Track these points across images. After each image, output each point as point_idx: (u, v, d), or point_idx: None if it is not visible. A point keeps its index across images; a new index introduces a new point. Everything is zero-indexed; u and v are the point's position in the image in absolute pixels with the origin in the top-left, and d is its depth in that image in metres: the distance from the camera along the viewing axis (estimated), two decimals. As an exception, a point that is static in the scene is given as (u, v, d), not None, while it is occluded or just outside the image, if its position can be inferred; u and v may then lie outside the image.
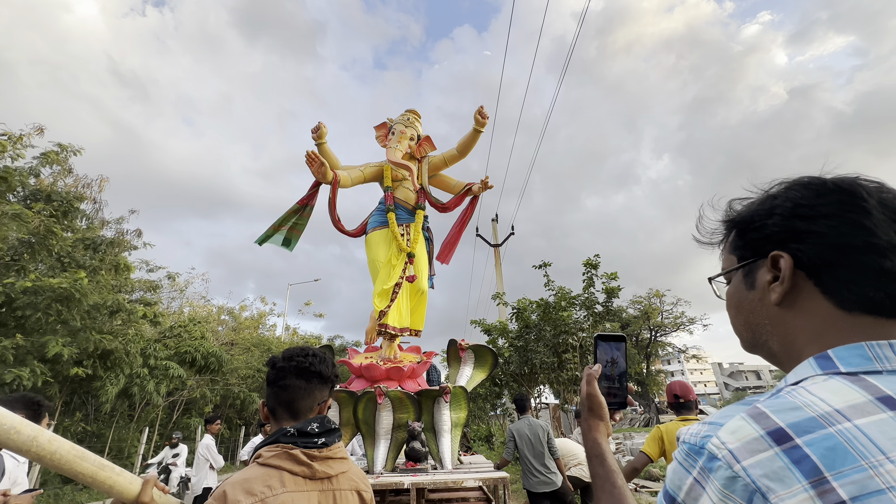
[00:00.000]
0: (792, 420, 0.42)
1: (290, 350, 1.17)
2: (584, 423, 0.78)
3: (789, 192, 0.57)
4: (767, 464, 0.41)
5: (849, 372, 0.47)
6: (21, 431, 0.72)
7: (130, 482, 0.89)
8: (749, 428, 0.44)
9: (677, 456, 0.50)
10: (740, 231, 0.62)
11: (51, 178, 9.61)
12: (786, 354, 0.55)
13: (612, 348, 0.84)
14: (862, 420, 0.41)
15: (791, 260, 0.53)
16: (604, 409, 0.78)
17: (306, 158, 5.75)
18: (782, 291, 0.54)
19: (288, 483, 0.97)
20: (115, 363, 8.20)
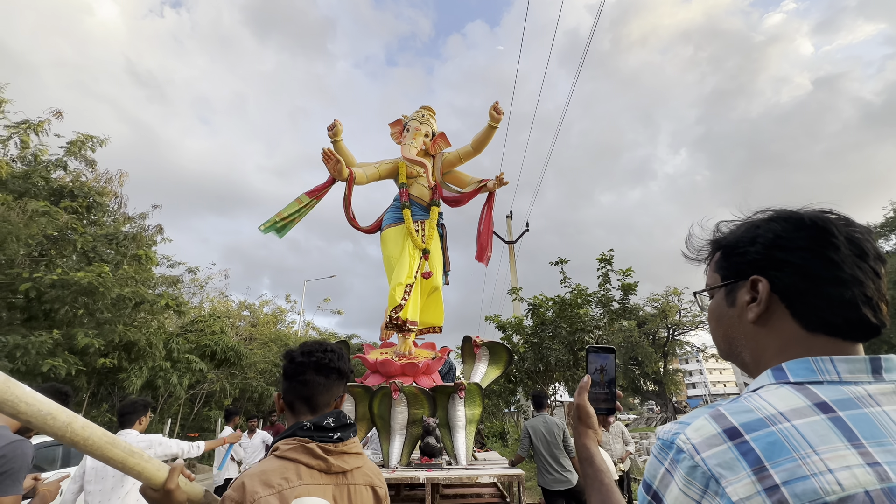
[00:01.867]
0: (743, 420, 0.52)
1: (308, 345, 1.18)
2: (575, 430, 0.88)
3: (770, 224, 0.64)
4: (721, 455, 0.50)
5: (796, 382, 0.56)
6: (57, 417, 0.75)
7: (158, 469, 0.92)
8: (710, 426, 0.53)
9: (653, 450, 0.58)
10: (725, 253, 0.70)
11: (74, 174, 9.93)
12: (755, 365, 0.64)
13: (601, 358, 0.92)
14: (799, 421, 0.50)
15: (768, 285, 0.62)
16: (592, 419, 0.87)
17: (322, 156, 5.80)
18: (758, 312, 0.62)
19: (304, 476, 0.99)
20: (139, 355, 8.46)
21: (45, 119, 9.27)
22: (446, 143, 6.68)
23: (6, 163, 8.65)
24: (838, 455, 0.47)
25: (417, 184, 6.44)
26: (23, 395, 0.71)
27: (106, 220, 10.24)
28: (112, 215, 10.48)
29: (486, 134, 6.53)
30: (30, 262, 8.34)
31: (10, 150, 9.08)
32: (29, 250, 8.12)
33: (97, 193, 9.73)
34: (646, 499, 0.57)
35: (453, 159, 6.77)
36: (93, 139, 9.76)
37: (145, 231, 10.43)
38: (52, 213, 7.94)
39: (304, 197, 6.01)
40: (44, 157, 9.37)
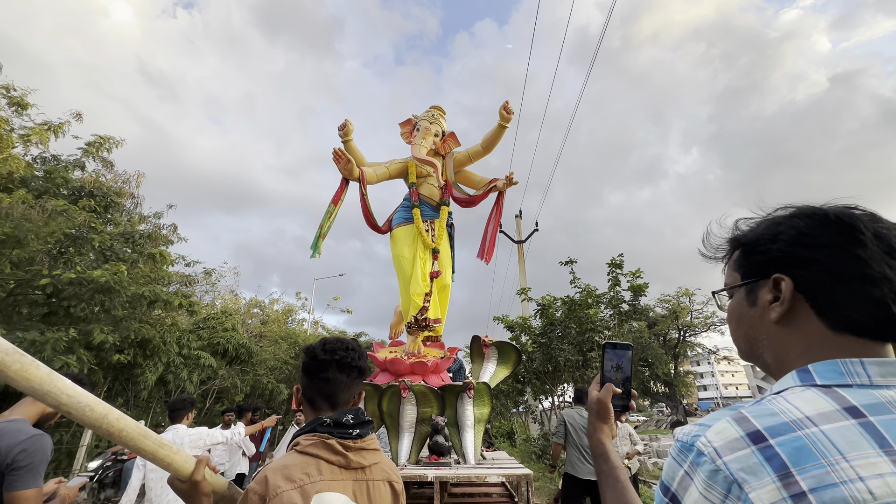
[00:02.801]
0: (768, 424, 0.50)
1: (330, 342, 1.20)
2: (591, 425, 0.88)
3: (793, 221, 0.62)
4: (744, 460, 0.48)
5: (823, 384, 0.54)
6: (95, 409, 0.79)
7: (186, 461, 0.96)
8: (732, 429, 0.51)
9: (672, 452, 0.57)
10: (745, 251, 0.68)
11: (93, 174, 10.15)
12: (777, 366, 0.62)
13: (618, 355, 0.91)
14: (827, 426, 0.48)
15: (792, 283, 0.60)
16: (610, 415, 0.87)
17: (333, 155, 5.86)
18: (781, 311, 0.60)
19: (325, 471, 1.01)
20: (154, 351, 8.63)
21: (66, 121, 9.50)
22: (456, 143, 6.70)
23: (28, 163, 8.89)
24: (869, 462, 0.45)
25: (427, 183, 6.47)
26: (64, 387, 0.75)
27: (122, 220, 10.45)
28: (129, 215, 10.69)
29: (496, 133, 6.55)
30: (49, 259, 8.54)
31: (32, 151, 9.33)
32: (48, 248, 8.32)
33: (115, 193, 9.94)
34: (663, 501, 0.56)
35: (463, 159, 6.79)
36: (109, 140, 9.97)
37: (160, 229, 10.62)
38: (71, 212, 8.12)
39: (332, 207, 6.09)
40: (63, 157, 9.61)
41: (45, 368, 0.73)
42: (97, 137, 9.86)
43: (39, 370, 0.72)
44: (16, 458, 1.61)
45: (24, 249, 7.59)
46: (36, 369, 0.72)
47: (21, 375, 0.70)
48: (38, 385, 0.71)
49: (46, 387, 0.72)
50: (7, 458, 1.59)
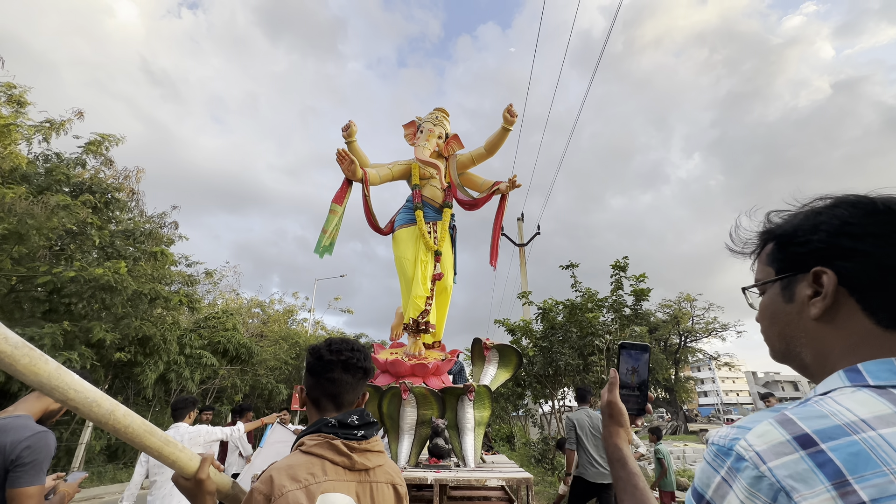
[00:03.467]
0: (818, 426, 0.46)
1: (335, 343, 1.19)
2: (606, 430, 0.83)
3: (836, 210, 0.58)
4: (792, 466, 0.44)
5: (877, 385, 0.49)
6: (102, 405, 0.78)
7: (190, 459, 0.95)
8: (776, 432, 0.47)
9: (706, 456, 0.53)
10: (781, 244, 0.63)
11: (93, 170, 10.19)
12: (818, 367, 0.58)
13: (634, 357, 0.87)
14: (886, 430, 0.44)
15: (835, 277, 0.55)
16: (624, 416, 0.82)
17: (337, 156, 5.87)
18: (823, 307, 0.56)
19: (329, 472, 1.01)
20: (154, 350, 8.64)
21: (68, 119, 9.53)
22: (459, 145, 6.71)
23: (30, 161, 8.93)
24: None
25: (430, 185, 6.48)
26: (72, 382, 0.75)
27: (123, 217, 10.47)
28: (129, 211, 10.71)
29: (499, 136, 6.56)
30: (50, 255, 8.57)
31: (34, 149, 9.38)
32: (49, 244, 8.35)
33: (114, 189, 9.96)
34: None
35: (466, 161, 6.80)
36: (109, 138, 10.00)
37: (162, 228, 10.64)
38: (73, 208, 8.15)
39: (336, 206, 6.08)
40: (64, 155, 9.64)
41: (53, 363, 0.73)
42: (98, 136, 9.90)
43: (48, 364, 0.72)
44: (20, 455, 1.59)
45: (26, 245, 7.61)
46: (45, 364, 0.71)
47: (30, 370, 0.69)
48: (46, 380, 0.71)
49: (54, 381, 0.72)
50: (12, 454, 1.58)
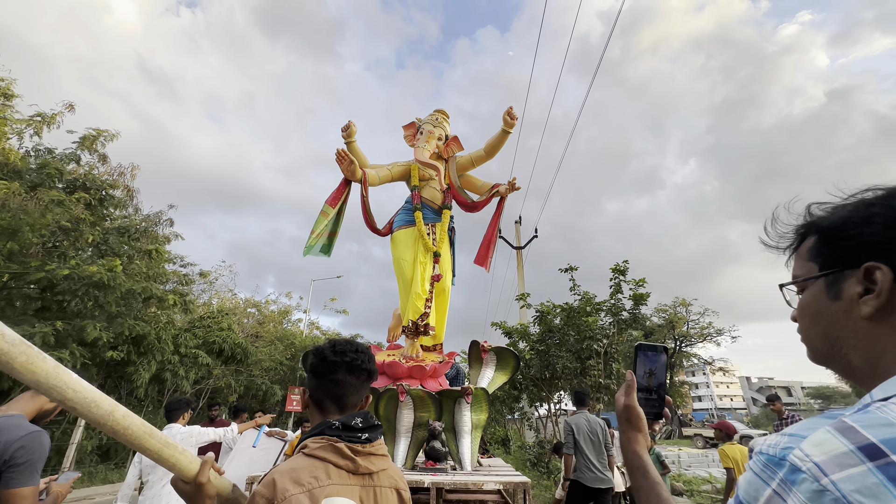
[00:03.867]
0: (886, 436, 0.42)
1: (339, 344, 1.18)
2: (623, 435, 0.79)
3: (891, 201, 0.54)
4: (860, 479, 0.40)
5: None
6: (100, 405, 0.75)
7: (190, 461, 0.92)
8: (836, 441, 0.43)
9: (753, 466, 0.49)
10: (826, 237, 0.59)
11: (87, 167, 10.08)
12: (868, 370, 0.54)
13: (651, 359, 0.83)
14: None
15: (891, 273, 0.52)
16: (642, 421, 0.79)
17: (336, 156, 5.85)
18: (877, 305, 0.52)
19: (333, 476, 0.98)
20: (148, 349, 8.55)
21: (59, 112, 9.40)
22: (459, 147, 6.70)
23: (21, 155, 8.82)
24: None
25: (430, 187, 6.46)
26: (70, 381, 0.72)
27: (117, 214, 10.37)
28: (124, 208, 10.61)
29: (499, 139, 6.56)
30: (43, 252, 8.47)
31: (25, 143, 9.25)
32: (42, 240, 8.25)
33: (109, 186, 9.86)
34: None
35: (466, 163, 6.79)
36: (104, 134, 9.89)
37: (157, 226, 10.54)
38: (67, 204, 8.07)
39: (328, 207, 6.09)
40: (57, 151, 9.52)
41: (51, 361, 0.70)
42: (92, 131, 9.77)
43: (46, 363, 0.69)
44: (14, 455, 1.56)
45: (18, 241, 7.52)
46: (42, 362, 0.68)
47: (26, 368, 0.67)
48: (43, 378, 0.68)
49: (52, 380, 0.69)
50: (5, 454, 1.55)
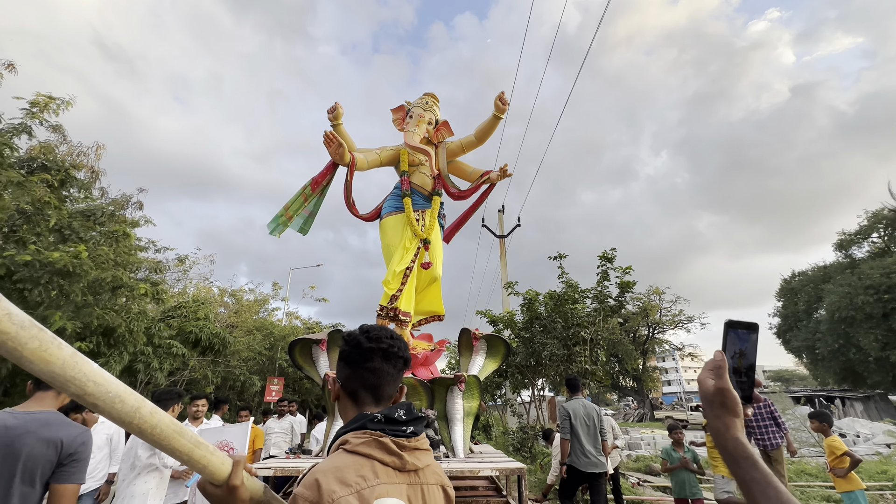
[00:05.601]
0: None
1: (373, 330, 1.07)
2: (719, 422, 0.70)
3: None
4: None
5: None
6: (125, 401, 0.63)
7: (223, 462, 0.81)
8: None
9: None
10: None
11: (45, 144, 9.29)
12: None
13: (742, 338, 0.76)
14: None
15: None
16: (738, 405, 0.70)
17: (324, 139, 5.61)
18: None
19: (380, 474, 0.89)
20: (119, 340, 8.11)
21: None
22: (449, 132, 6.55)
23: None
24: None
25: (419, 172, 6.31)
26: (91, 372, 0.59)
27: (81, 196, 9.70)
28: (88, 190, 9.91)
29: (490, 124, 6.45)
30: (1, 237, 7.85)
31: None
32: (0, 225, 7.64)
33: (71, 166, 9.18)
34: None
35: (456, 149, 6.66)
36: (55, 101, 9.09)
37: (125, 209, 9.94)
38: (28, 186, 7.46)
39: (309, 190, 5.94)
40: (1, 120, 8.66)
41: (68, 348, 0.57)
42: (41, 97, 8.93)
43: (62, 350, 0.56)
44: (78, 450, 1.61)
45: (-27, 226, 6.93)
46: (58, 349, 0.55)
47: (39, 356, 0.53)
48: (59, 369, 0.55)
49: (70, 371, 0.56)
50: (70, 448, 1.59)
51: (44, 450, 1.54)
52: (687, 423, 23.83)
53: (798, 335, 24.86)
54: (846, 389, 23.99)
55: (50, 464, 1.55)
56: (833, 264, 24.92)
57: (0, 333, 0.50)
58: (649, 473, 8.92)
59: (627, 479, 7.88)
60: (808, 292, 25.29)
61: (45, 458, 1.54)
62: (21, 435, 1.53)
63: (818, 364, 24.21)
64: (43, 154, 9.01)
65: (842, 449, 3.93)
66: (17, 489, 1.47)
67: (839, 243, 24.72)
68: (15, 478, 1.47)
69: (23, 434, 1.53)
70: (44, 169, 8.62)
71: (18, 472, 1.48)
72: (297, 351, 5.33)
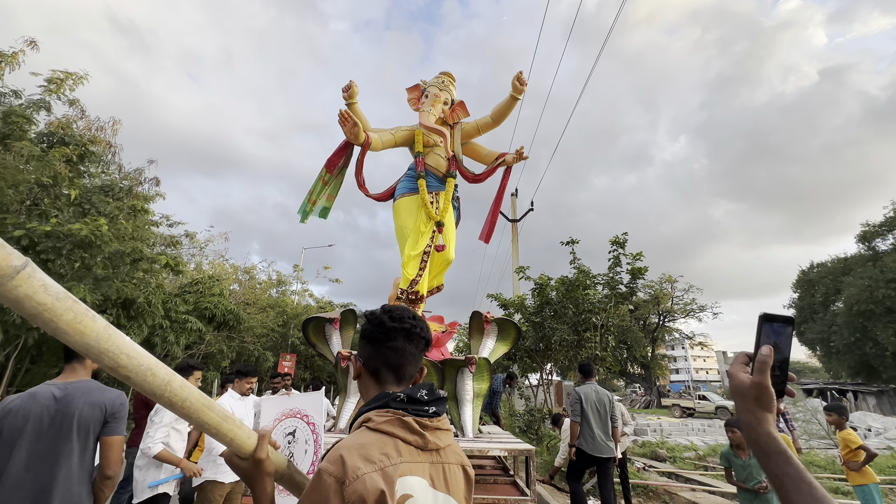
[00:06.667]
0: None
1: (396, 310, 1.07)
2: (751, 416, 0.70)
3: None
4: None
5: None
6: (157, 374, 0.63)
7: (249, 436, 0.82)
8: None
9: None
10: None
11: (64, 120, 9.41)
12: None
13: (777, 331, 0.75)
14: None
15: None
16: (773, 401, 0.70)
17: (339, 118, 5.55)
18: None
19: (403, 452, 0.89)
20: (138, 313, 8.34)
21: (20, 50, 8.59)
22: (465, 113, 6.42)
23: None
24: None
25: (434, 153, 6.23)
26: (123, 345, 0.59)
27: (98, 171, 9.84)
28: (105, 165, 10.05)
29: (507, 105, 6.30)
30: (23, 210, 8.04)
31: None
32: (21, 197, 7.81)
33: (89, 142, 9.31)
34: None
35: (471, 130, 6.54)
36: (72, 76, 9.15)
37: (141, 185, 10.09)
38: (48, 159, 7.59)
39: (326, 174, 5.94)
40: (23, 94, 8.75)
41: (101, 321, 0.57)
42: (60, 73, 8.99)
43: (96, 322, 0.56)
44: (118, 409, 2.01)
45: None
46: (91, 321, 0.55)
47: (74, 328, 0.53)
48: (94, 341, 0.55)
49: (104, 344, 0.56)
50: (112, 408, 1.98)
51: (92, 412, 1.93)
52: (694, 412, 23.85)
53: (813, 327, 24.46)
54: (859, 383, 23.68)
55: (97, 422, 1.94)
56: (854, 256, 24.26)
57: (37, 305, 0.50)
58: (655, 459, 8.99)
59: (633, 464, 7.96)
60: (827, 284, 24.75)
61: (94, 418, 1.93)
62: (70, 402, 1.89)
63: (832, 357, 23.86)
64: (62, 129, 9.14)
65: (857, 443, 3.88)
66: (75, 444, 1.86)
67: (862, 235, 23.97)
68: (72, 434, 1.86)
69: (72, 401, 1.90)
70: (62, 143, 8.75)
71: (74, 430, 1.87)
72: (310, 329, 5.42)
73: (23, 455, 1.76)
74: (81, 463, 1.87)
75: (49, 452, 1.80)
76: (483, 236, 7.13)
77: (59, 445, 1.83)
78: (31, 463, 1.77)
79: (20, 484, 1.73)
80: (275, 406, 2.16)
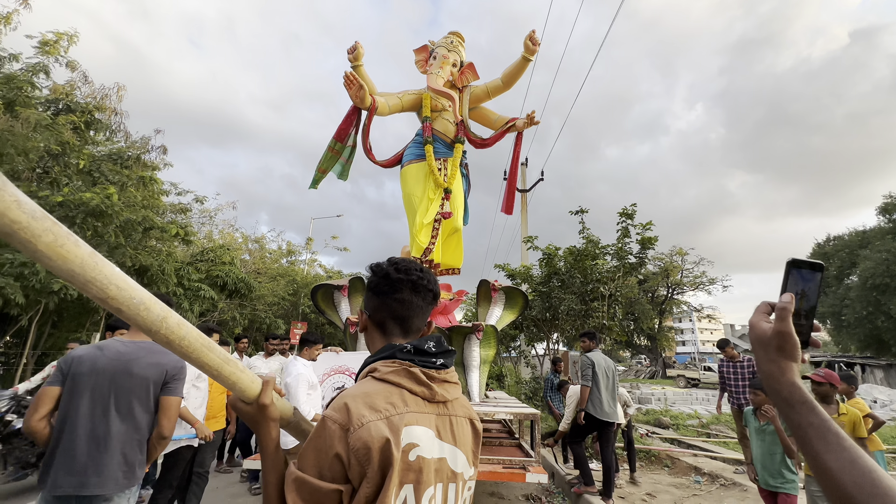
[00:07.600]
0: None
1: (402, 262, 1.04)
2: (774, 366, 0.65)
3: None
4: None
5: None
6: (151, 309, 0.61)
7: (252, 381, 0.81)
8: None
9: None
10: None
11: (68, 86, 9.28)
12: None
13: (805, 278, 0.69)
14: None
15: None
16: (798, 349, 0.65)
17: (345, 80, 5.38)
18: None
19: (410, 403, 0.87)
20: (152, 280, 8.49)
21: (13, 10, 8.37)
22: (475, 76, 6.18)
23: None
24: None
25: (442, 118, 6.05)
26: (112, 275, 0.56)
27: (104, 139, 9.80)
28: (112, 132, 9.99)
29: (518, 67, 6.04)
30: (35, 177, 8.08)
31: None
32: (32, 165, 7.82)
33: (95, 108, 9.21)
34: None
35: (481, 94, 6.32)
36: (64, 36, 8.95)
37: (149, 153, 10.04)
38: (56, 127, 7.55)
39: (337, 143, 5.85)
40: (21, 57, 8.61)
41: (86, 247, 0.54)
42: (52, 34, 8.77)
43: (79, 248, 0.53)
44: (178, 372, 2.07)
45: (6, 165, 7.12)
46: (74, 246, 0.52)
47: (56, 251, 0.50)
48: (78, 268, 0.52)
49: (90, 272, 0.53)
50: (173, 370, 2.04)
51: (153, 372, 1.98)
52: (699, 382, 24.11)
53: (825, 301, 24.18)
54: (868, 356, 23.61)
55: (157, 383, 2.00)
56: (874, 229, 23.60)
57: (10, 223, 0.46)
58: (658, 426, 9.17)
59: (637, 431, 8.12)
60: (842, 257, 24.26)
61: (154, 379, 1.99)
62: (134, 360, 1.95)
63: (842, 331, 23.70)
64: (65, 95, 9.03)
65: (865, 410, 3.87)
66: (135, 402, 1.92)
67: (884, 207, 23.22)
68: (133, 392, 1.92)
69: (135, 359, 1.96)
70: (68, 110, 8.67)
71: (136, 388, 1.93)
72: (319, 296, 5.47)
73: (86, 403, 1.83)
74: (139, 419, 1.93)
75: (108, 405, 1.86)
76: (504, 208, 7.06)
77: (118, 399, 1.89)
78: (94, 412, 1.83)
79: (81, 431, 1.80)
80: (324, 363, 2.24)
